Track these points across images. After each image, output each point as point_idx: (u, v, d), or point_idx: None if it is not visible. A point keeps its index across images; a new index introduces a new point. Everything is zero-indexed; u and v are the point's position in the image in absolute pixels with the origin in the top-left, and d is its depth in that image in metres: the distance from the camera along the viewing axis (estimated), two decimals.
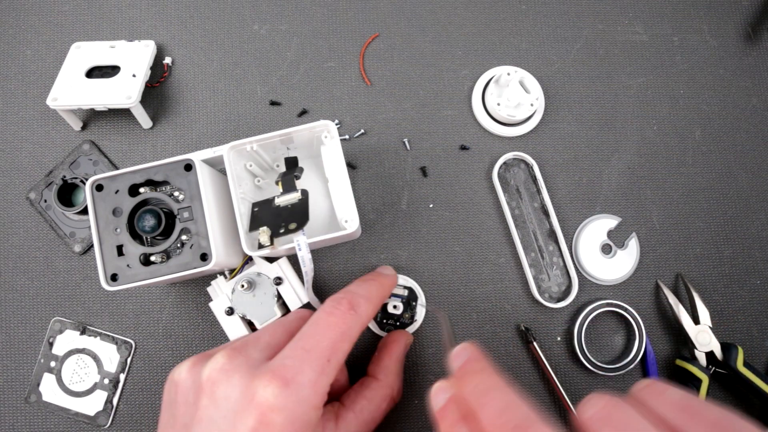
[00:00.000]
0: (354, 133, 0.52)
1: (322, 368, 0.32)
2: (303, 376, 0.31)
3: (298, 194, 0.41)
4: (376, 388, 0.40)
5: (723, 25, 0.56)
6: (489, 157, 0.52)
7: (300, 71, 0.53)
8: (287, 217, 0.39)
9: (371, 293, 0.38)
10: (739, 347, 0.47)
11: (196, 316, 0.49)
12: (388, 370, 0.42)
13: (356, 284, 0.39)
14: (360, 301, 0.36)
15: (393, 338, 0.45)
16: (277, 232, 0.38)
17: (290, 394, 0.30)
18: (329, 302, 0.36)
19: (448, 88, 0.53)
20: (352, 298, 0.36)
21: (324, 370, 0.32)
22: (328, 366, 0.32)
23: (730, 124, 0.54)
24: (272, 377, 0.31)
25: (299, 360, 0.32)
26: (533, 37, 0.55)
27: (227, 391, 0.31)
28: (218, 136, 0.52)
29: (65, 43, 0.52)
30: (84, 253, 0.50)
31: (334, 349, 0.33)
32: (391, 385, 0.41)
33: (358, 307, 0.36)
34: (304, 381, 0.31)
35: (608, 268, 0.50)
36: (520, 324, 0.49)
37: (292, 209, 0.40)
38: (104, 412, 0.47)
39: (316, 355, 0.32)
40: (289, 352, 0.33)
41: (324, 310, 0.35)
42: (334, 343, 0.33)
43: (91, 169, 0.51)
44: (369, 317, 0.37)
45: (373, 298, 0.38)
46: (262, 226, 0.39)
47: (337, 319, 0.34)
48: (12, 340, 0.49)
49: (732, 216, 0.52)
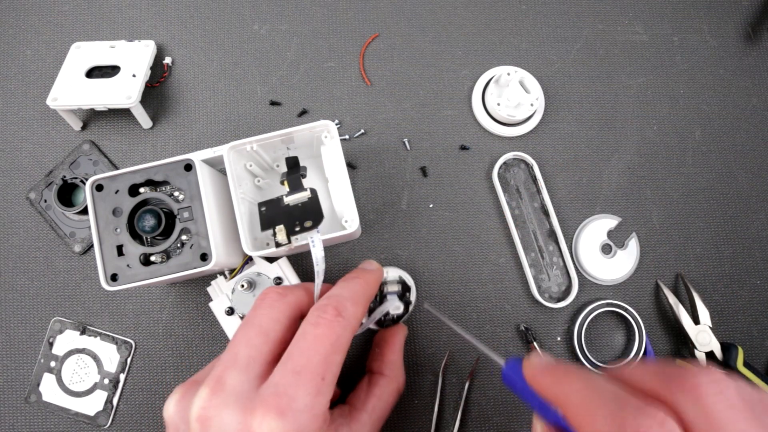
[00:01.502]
0: (354, 133, 0.52)
1: (317, 389, 0.30)
2: (298, 402, 0.29)
3: (307, 192, 0.41)
4: (385, 385, 0.40)
5: (723, 25, 0.56)
6: (489, 157, 0.52)
7: (300, 71, 0.53)
8: (300, 216, 0.39)
9: (356, 294, 0.36)
10: (739, 347, 0.48)
11: (196, 316, 0.49)
12: (394, 365, 0.41)
13: (339, 286, 0.37)
14: (346, 304, 0.34)
15: (392, 333, 0.44)
16: (293, 230, 0.38)
17: (288, 425, 0.28)
18: (313, 312, 0.34)
19: (448, 88, 0.53)
20: (337, 303, 0.34)
21: (320, 390, 0.30)
22: (323, 385, 0.31)
23: (730, 124, 0.54)
24: (266, 410, 0.29)
25: (292, 386, 0.30)
26: (533, 37, 0.55)
27: (222, 427, 0.29)
28: (218, 136, 0.52)
29: (65, 43, 0.52)
30: (84, 253, 0.50)
31: (327, 363, 0.31)
32: (398, 379, 0.41)
33: (344, 311, 0.34)
34: (300, 407, 0.29)
35: (608, 268, 0.50)
36: (520, 324, 0.49)
37: (303, 208, 0.40)
38: (104, 412, 0.47)
39: (308, 376, 0.30)
40: (280, 378, 0.30)
41: (309, 323, 0.33)
42: (326, 358, 0.31)
43: (91, 169, 0.51)
44: (358, 319, 0.35)
45: (359, 299, 0.36)
46: (275, 225, 0.39)
47: (325, 329, 0.32)
48: (12, 340, 0.49)
49: (732, 216, 0.52)
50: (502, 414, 0.48)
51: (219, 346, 0.49)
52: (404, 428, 0.48)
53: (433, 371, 0.48)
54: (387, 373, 0.41)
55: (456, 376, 0.48)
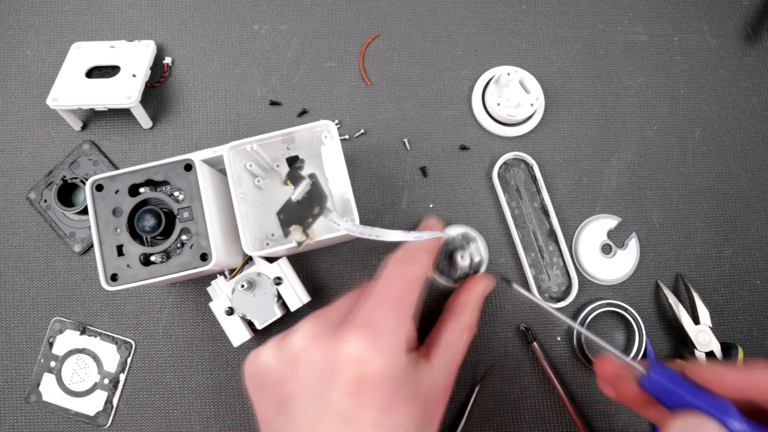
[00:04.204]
0: (354, 133, 0.52)
1: (398, 312, 0.34)
2: (383, 321, 0.33)
3: (308, 180, 0.40)
4: (455, 322, 0.40)
5: (723, 25, 0.56)
6: (489, 157, 0.52)
7: (300, 71, 0.53)
8: (308, 206, 0.39)
9: (426, 244, 0.40)
10: (739, 347, 0.47)
11: (196, 316, 0.49)
12: (466, 304, 0.42)
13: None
14: (413, 252, 0.38)
15: (471, 279, 0.45)
16: (306, 223, 0.39)
17: (375, 340, 0.31)
18: (390, 261, 0.38)
19: (448, 88, 0.53)
20: (409, 254, 0.38)
21: (401, 314, 0.34)
22: (403, 308, 0.34)
23: (730, 124, 0.54)
24: (354, 329, 0.32)
25: (375, 309, 0.34)
26: (533, 37, 0.55)
27: (316, 356, 0.32)
28: (218, 136, 0.52)
29: (65, 43, 0.52)
30: (84, 253, 0.50)
31: (405, 294, 0.35)
32: (470, 317, 0.41)
33: (417, 256, 0.38)
34: (386, 326, 0.32)
35: (608, 268, 0.50)
36: (520, 324, 0.49)
37: (309, 197, 0.40)
38: (104, 412, 0.47)
39: (390, 302, 0.34)
40: (365, 305, 0.34)
41: (387, 268, 0.37)
42: (403, 289, 0.35)
43: (91, 169, 0.51)
44: (428, 265, 0.39)
45: (429, 249, 0.40)
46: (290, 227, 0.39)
47: (401, 270, 0.36)
48: (12, 340, 0.49)
49: (732, 216, 0.52)
50: (502, 414, 0.48)
51: (219, 346, 0.49)
52: None
53: None
54: (458, 310, 0.41)
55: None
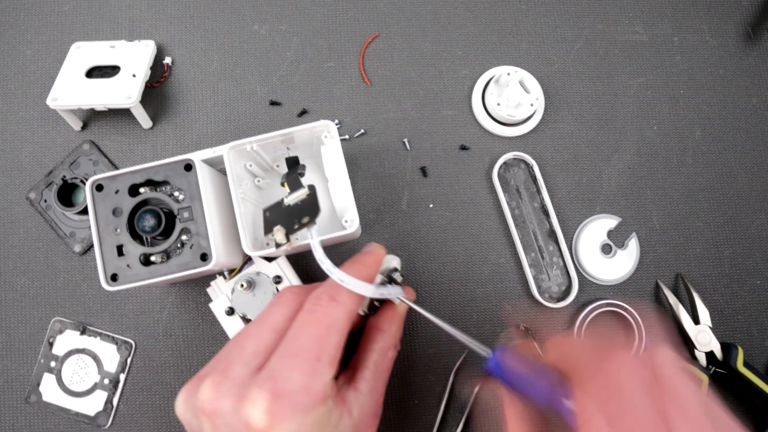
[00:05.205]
0: (354, 133, 0.52)
1: (312, 369, 0.31)
2: (292, 382, 0.30)
3: (306, 190, 0.41)
4: (381, 341, 0.38)
5: (723, 25, 0.56)
6: (489, 157, 0.52)
7: (300, 71, 0.53)
8: (299, 214, 0.39)
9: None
10: (739, 347, 0.47)
11: (196, 316, 0.49)
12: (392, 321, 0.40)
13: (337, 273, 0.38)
14: (340, 289, 0.35)
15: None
16: (292, 228, 0.38)
17: (283, 405, 0.29)
18: (309, 300, 0.35)
19: (448, 88, 0.53)
20: (331, 290, 0.34)
21: (315, 370, 0.31)
22: (319, 365, 0.31)
23: (730, 124, 0.54)
24: (259, 392, 0.30)
25: (286, 368, 0.31)
26: (533, 37, 0.55)
27: (225, 420, 0.30)
28: (218, 136, 0.52)
29: (65, 43, 0.52)
30: (84, 253, 0.50)
31: (322, 345, 0.32)
32: (395, 335, 0.40)
33: (339, 296, 0.34)
34: (295, 387, 0.30)
35: (608, 268, 0.50)
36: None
37: (302, 205, 0.40)
38: (104, 412, 0.47)
39: (302, 357, 0.31)
40: (275, 362, 0.31)
41: (305, 310, 0.34)
42: (320, 339, 0.32)
43: (91, 169, 0.51)
44: (355, 302, 0.35)
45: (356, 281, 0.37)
46: (275, 227, 0.39)
47: (320, 314, 0.33)
48: (12, 340, 0.49)
49: (732, 216, 0.52)
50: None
51: (219, 346, 0.49)
52: (405, 428, 0.48)
53: (432, 371, 0.48)
54: (383, 328, 0.39)
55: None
